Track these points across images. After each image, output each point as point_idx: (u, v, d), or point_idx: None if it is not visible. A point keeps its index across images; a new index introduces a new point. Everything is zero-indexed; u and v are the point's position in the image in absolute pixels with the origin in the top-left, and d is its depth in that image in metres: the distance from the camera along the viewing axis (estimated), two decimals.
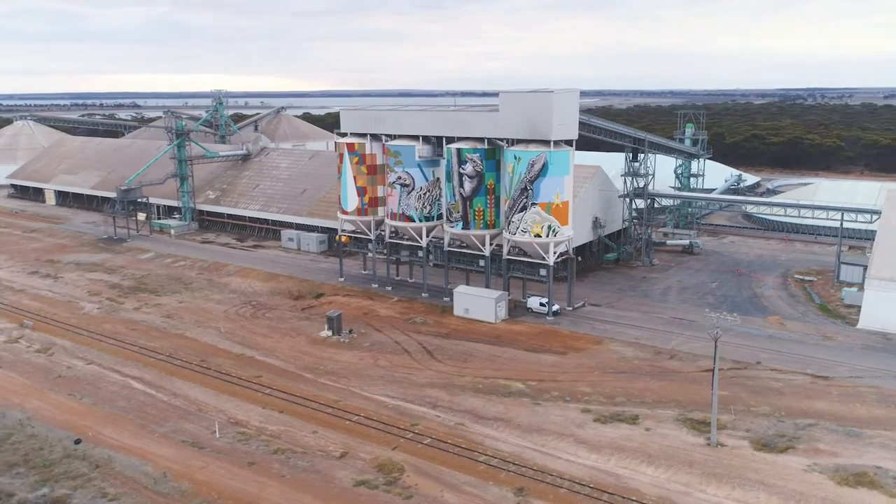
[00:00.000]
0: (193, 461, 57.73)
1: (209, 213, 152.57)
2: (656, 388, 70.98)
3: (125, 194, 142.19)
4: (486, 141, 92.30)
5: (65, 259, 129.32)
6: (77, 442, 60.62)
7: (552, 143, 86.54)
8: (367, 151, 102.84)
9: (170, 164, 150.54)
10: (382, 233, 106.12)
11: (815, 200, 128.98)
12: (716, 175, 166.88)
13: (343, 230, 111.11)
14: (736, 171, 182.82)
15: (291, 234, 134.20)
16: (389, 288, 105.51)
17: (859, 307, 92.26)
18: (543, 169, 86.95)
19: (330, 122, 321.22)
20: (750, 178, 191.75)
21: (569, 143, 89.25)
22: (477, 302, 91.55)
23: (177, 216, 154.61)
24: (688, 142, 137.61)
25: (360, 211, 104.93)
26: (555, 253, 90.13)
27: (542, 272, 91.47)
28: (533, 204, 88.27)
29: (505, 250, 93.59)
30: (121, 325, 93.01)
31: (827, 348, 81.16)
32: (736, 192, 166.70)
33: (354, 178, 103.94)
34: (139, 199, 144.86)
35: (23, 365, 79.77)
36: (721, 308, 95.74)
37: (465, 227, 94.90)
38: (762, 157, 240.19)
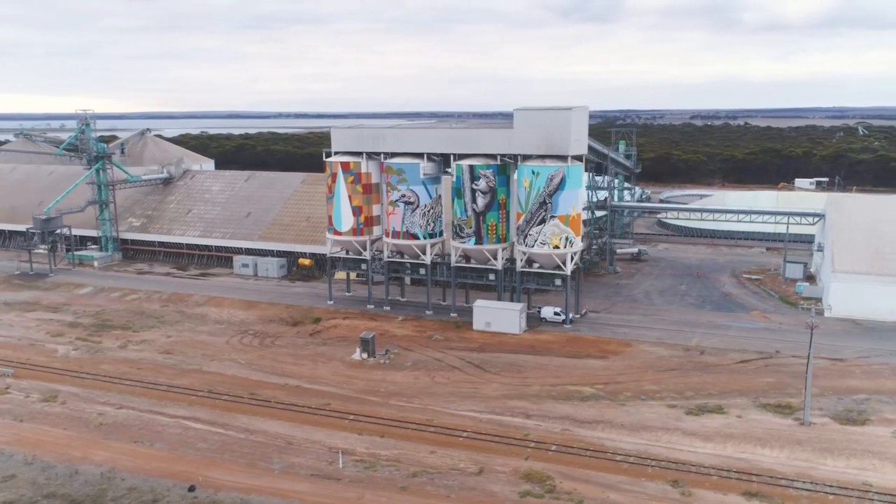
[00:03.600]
0: (342, 493, 54.72)
1: (135, 242, 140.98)
2: (711, 380, 76.74)
3: (45, 224, 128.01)
4: (497, 157, 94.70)
5: None
6: (191, 489, 55.16)
7: (569, 158, 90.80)
8: (363, 170, 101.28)
9: (86, 190, 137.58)
10: (377, 253, 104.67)
11: (728, 206, 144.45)
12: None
13: (332, 252, 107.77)
14: (637, 187, 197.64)
15: (246, 260, 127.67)
16: (388, 308, 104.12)
17: (817, 299, 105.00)
18: (562, 183, 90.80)
19: (193, 145, 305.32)
20: (647, 192, 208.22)
21: (578, 158, 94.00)
22: (500, 315, 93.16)
23: (94, 246, 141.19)
24: (621, 157, 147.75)
25: (356, 231, 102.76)
26: (571, 262, 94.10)
27: (558, 282, 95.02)
28: (552, 217, 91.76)
29: (519, 263, 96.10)
30: (122, 365, 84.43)
31: (817, 335, 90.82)
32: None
33: (349, 197, 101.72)
34: (59, 230, 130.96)
35: (44, 416, 70.37)
36: (705, 306, 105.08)
37: (479, 242, 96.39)
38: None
